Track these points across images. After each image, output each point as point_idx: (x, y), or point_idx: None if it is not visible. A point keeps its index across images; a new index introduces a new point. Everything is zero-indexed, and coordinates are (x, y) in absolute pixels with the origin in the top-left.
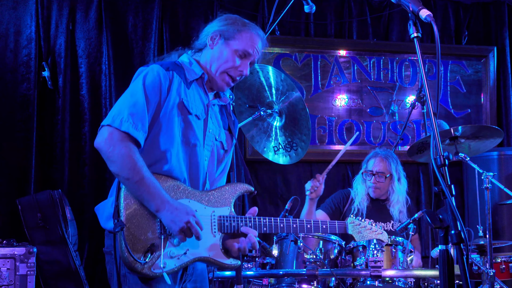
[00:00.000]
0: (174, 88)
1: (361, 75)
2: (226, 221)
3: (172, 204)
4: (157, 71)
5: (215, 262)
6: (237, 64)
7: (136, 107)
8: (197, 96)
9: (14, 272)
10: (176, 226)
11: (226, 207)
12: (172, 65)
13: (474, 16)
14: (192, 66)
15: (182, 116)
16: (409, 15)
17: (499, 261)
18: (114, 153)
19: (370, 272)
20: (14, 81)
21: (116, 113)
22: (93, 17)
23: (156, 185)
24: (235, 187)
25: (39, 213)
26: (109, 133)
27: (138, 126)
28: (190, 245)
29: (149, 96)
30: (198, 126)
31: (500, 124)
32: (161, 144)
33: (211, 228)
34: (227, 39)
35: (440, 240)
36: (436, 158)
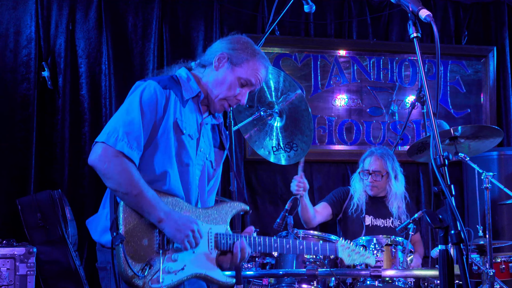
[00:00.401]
0: (170, 107)
1: (361, 75)
2: (223, 238)
3: (174, 214)
4: (154, 88)
5: (211, 280)
6: (237, 93)
7: (131, 126)
8: (191, 115)
9: (14, 272)
10: (181, 234)
11: (222, 225)
12: (169, 82)
13: (474, 16)
14: (190, 83)
15: (176, 135)
16: (409, 15)
17: (499, 261)
18: (110, 169)
19: (370, 272)
20: (14, 81)
21: (111, 130)
22: (93, 17)
23: (156, 197)
24: (232, 206)
25: (39, 213)
26: (103, 150)
27: (133, 145)
28: (188, 261)
29: (146, 114)
30: (191, 145)
31: (500, 124)
32: (159, 164)
33: (208, 245)
34: (234, 65)
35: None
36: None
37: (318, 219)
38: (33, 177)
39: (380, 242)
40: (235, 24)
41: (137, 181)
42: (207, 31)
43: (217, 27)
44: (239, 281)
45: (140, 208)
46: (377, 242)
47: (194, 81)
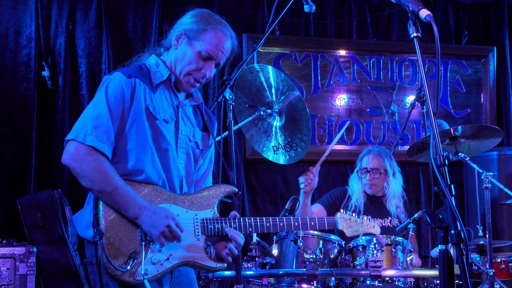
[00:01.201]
0: (137, 95)
1: (361, 75)
2: (210, 223)
3: (150, 209)
4: (118, 80)
5: (200, 266)
6: (200, 66)
7: (99, 119)
8: (165, 99)
9: (14, 272)
10: (156, 231)
11: (208, 210)
12: (134, 70)
13: (474, 16)
14: (159, 68)
15: (149, 122)
16: (409, 15)
17: (499, 261)
18: (83, 168)
19: (370, 272)
20: (14, 81)
21: (79, 127)
22: (93, 17)
23: (131, 193)
24: (218, 189)
25: (39, 213)
26: (74, 148)
27: (103, 138)
28: (173, 249)
29: (112, 106)
30: (168, 130)
31: (500, 124)
32: (134, 154)
33: (194, 232)
34: (190, 39)
35: (440, 240)
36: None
37: None
38: (33, 177)
39: (380, 242)
40: (235, 24)
41: (111, 178)
42: None
43: None
44: (239, 281)
45: (116, 204)
46: (377, 242)
47: (163, 65)
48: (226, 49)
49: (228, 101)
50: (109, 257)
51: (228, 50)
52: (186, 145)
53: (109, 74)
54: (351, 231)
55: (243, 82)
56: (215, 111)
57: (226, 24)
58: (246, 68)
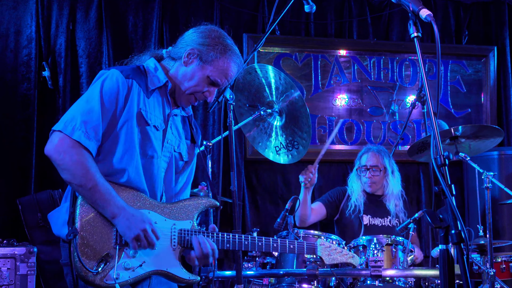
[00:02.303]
0: (133, 98)
1: (361, 74)
2: (187, 235)
3: (128, 211)
4: (116, 78)
5: (173, 276)
6: (205, 90)
7: (90, 115)
8: (157, 106)
9: (15, 272)
10: (131, 233)
11: (188, 221)
12: (133, 71)
13: (474, 15)
14: (157, 73)
15: (140, 127)
16: (409, 15)
17: (500, 261)
18: (65, 160)
19: (370, 272)
20: (14, 81)
21: (69, 119)
22: (93, 17)
23: (111, 192)
24: (199, 202)
25: (40, 213)
26: (59, 140)
27: (90, 135)
28: (147, 257)
29: (106, 104)
30: (157, 137)
31: (500, 124)
32: (120, 156)
33: (171, 241)
34: (203, 62)
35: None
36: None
37: (313, 218)
38: (34, 177)
39: (380, 242)
40: (236, 24)
41: (93, 174)
42: None
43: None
44: (240, 281)
45: (94, 202)
46: (378, 241)
47: (161, 71)
48: (232, 77)
49: (229, 101)
50: (81, 258)
51: (234, 77)
52: (170, 154)
53: (106, 69)
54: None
55: (242, 84)
56: (215, 111)
57: (237, 52)
58: (245, 68)
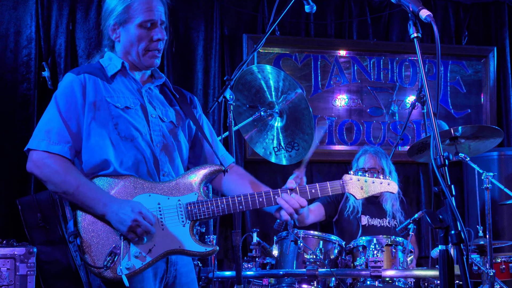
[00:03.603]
0: (89, 90)
1: (361, 75)
2: (194, 207)
3: (114, 205)
4: (69, 80)
5: (188, 253)
6: (150, 37)
7: (51, 123)
8: (124, 87)
9: (14, 272)
10: (123, 227)
11: (192, 193)
12: (84, 68)
13: (474, 16)
14: (112, 61)
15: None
16: (409, 15)
17: (499, 261)
18: (45, 173)
19: (370, 272)
20: (14, 81)
21: (34, 135)
22: (93, 17)
23: (94, 189)
24: (199, 170)
25: (39, 213)
26: (33, 156)
27: (55, 140)
28: (157, 239)
29: (63, 107)
30: (134, 116)
31: (500, 124)
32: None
33: (179, 218)
34: (124, 24)
35: (440, 240)
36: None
37: (312, 219)
38: (33, 177)
39: (380, 243)
40: (236, 24)
41: (71, 177)
42: (207, 31)
43: (217, 27)
44: (239, 281)
45: (82, 204)
46: (377, 242)
47: (115, 57)
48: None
49: (229, 101)
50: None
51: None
52: (160, 127)
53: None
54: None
55: (242, 85)
56: (215, 111)
57: None
58: (245, 69)
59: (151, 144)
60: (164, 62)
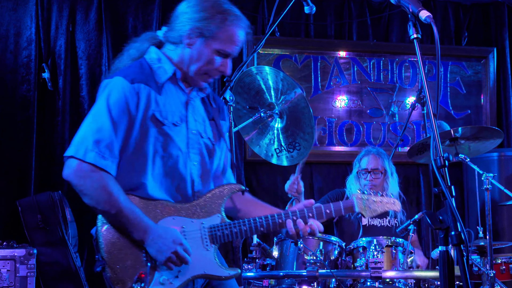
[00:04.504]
0: (142, 103)
1: (361, 76)
2: (218, 230)
3: (156, 232)
4: (121, 87)
5: (212, 277)
6: (219, 65)
7: (101, 133)
8: (172, 99)
9: (14, 273)
10: (162, 257)
11: (215, 216)
12: (137, 73)
13: (474, 17)
14: (161, 63)
15: (157, 129)
16: (409, 16)
17: (499, 262)
18: (86, 186)
19: (370, 273)
20: (14, 83)
21: (79, 142)
22: (93, 19)
23: (136, 214)
24: (222, 190)
25: (39, 215)
26: (76, 165)
27: (105, 154)
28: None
29: (115, 118)
30: (178, 133)
31: (500, 125)
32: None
33: (202, 242)
34: (206, 38)
35: (440, 241)
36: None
37: None
38: (33, 179)
39: (380, 243)
40: None
41: (116, 198)
42: None
43: None
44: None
45: (121, 226)
46: (378, 243)
47: (166, 60)
48: (240, 41)
49: (229, 102)
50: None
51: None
52: (199, 144)
53: (109, 78)
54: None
55: (241, 87)
56: None
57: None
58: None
59: (188, 163)
60: None
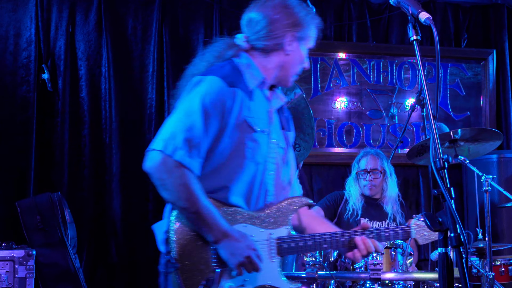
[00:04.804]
0: (236, 107)
1: (361, 77)
2: (285, 243)
3: (232, 235)
4: (219, 88)
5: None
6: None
7: (192, 132)
8: (259, 105)
9: (13, 274)
10: (235, 260)
11: (283, 227)
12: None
13: (474, 19)
14: (251, 70)
15: (248, 135)
16: (409, 18)
17: (499, 264)
18: (169, 182)
19: (369, 275)
20: (13, 84)
21: (169, 137)
22: (93, 20)
23: (214, 215)
24: (292, 204)
25: (39, 216)
26: (162, 159)
27: (193, 154)
28: (248, 275)
29: (208, 119)
30: (263, 141)
31: (500, 127)
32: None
33: (269, 253)
34: (300, 40)
35: (440, 243)
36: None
37: None
38: (33, 180)
39: None
40: (235, 27)
41: (197, 197)
42: (207, 33)
43: (216, 29)
44: None
45: (196, 225)
46: None
47: (255, 67)
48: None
49: None
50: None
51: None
52: (276, 153)
53: (203, 75)
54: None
55: None
56: None
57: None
58: None
59: (266, 172)
60: (164, 65)
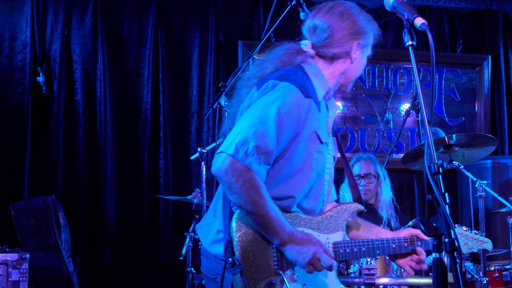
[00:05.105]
0: (309, 118)
1: (356, 82)
2: (341, 248)
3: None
4: (296, 98)
5: None
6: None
7: (264, 139)
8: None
9: (7, 278)
10: (303, 258)
11: (339, 232)
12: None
13: (469, 24)
14: (319, 79)
15: (316, 146)
16: (404, 23)
17: (493, 269)
18: (238, 185)
19: (364, 280)
20: (8, 86)
21: (241, 142)
22: (89, 23)
23: (280, 218)
24: (346, 209)
25: (32, 219)
26: (231, 163)
27: (261, 161)
28: (307, 279)
29: (283, 128)
30: (326, 152)
31: (494, 133)
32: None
33: None
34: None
35: (434, 248)
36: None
37: None
38: (27, 182)
39: None
40: (231, 31)
41: (264, 201)
42: (203, 37)
43: (212, 33)
44: None
45: (262, 227)
46: None
47: (323, 76)
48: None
49: (224, 107)
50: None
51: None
52: (331, 164)
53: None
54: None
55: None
56: (210, 117)
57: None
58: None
59: (323, 182)
60: (160, 68)
